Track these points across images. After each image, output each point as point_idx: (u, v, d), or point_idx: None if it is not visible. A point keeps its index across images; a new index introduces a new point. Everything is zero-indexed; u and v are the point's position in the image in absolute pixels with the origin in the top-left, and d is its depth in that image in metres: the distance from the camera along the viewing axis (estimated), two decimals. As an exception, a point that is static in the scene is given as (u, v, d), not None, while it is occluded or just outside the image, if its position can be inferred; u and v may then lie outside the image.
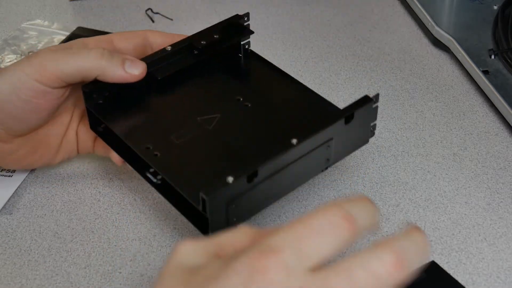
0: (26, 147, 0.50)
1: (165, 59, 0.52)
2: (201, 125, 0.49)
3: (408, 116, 0.62)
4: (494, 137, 0.60)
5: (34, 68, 0.46)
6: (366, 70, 0.69)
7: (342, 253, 0.39)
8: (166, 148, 0.47)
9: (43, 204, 0.53)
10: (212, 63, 0.54)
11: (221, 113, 0.50)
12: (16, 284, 0.47)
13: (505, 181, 0.55)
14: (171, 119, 0.50)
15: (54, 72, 0.47)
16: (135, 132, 0.49)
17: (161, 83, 0.51)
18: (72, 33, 0.72)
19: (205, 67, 0.54)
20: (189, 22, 0.76)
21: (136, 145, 0.47)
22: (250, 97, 0.51)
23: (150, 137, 0.48)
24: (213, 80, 0.53)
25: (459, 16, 0.72)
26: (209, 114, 0.50)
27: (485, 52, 0.66)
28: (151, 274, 0.48)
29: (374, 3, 0.80)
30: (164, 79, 0.51)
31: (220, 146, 0.48)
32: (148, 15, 0.77)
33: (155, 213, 0.52)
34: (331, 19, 0.77)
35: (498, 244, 0.50)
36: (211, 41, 0.53)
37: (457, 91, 0.66)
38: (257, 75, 0.55)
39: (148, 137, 0.48)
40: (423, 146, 0.59)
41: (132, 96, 0.51)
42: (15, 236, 0.51)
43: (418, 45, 0.72)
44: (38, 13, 0.78)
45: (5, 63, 0.69)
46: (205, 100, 0.52)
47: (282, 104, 0.51)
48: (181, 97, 0.52)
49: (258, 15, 0.77)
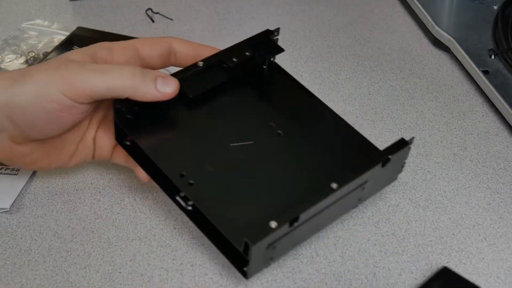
0: (40, 151, 0.49)
1: (196, 75, 0.50)
2: (234, 152, 0.48)
3: (408, 116, 0.62)
4: (494, 137, 0.60)
5: (63, 82, 0.45)
6: (366, 70, 0.69)
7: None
8: (201, 176, 0.46)
9: (43, 204, 0.53)
10: (240, 79, 0.53)
11: (253, 140, 0.49)
12: (16, 284, 0.47)
13: (505, 181, 0.55)
14: (203, 142, 0.48)
15: (84, 89, 0.45)
16: (166, 154, 0.47)
17: (192, 100, 0.50)
18: (72, 33, 0.72)
19: (234, 83, 0.52)
20: (189, 22, 0.76)
21: (169, 170, 0.46)
22: (282, 123, 0.50)
23: (183, 162, 0.47)
24: (244, 100, 0.52)
25: (459, 16, 0.72)
26: (242, 140, 0.49)
27: (485, 52, 0.66)
28: (151, 274, 0.48)
29: (374, 3, 0.80)
30: (195, 97, 0.50)
31: (256, 179, 0.47)
32: (148, 15, 0.77)
33: (155, 213, 0.52)
34: (331, 19, 0.77)
35: (498, 244, 0.50)
36: (242, 59, 0.52)
37: (457, 91, 0.66)
38: (284, 95, 0.53)
39: (181, 162, 0.47)
40: (423, 146, 0.59)
41: (162, 113, 0.49)
42: (15, 236, 0.51)
43: (418, 45, 0.72)
44: (38, 13, 0.78)
45: (5, 63, 0.69)
46: (237, 122, 0.50)
47: (314, 133, 0.50)
48: (212, 117, 0.50)
49: (258, 15, 0.77)
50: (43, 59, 0.68)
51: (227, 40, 0.73)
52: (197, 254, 0.49)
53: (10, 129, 0.46)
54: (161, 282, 0.47)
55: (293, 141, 0.49)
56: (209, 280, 0.48)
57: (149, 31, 0.74)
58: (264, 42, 0.54)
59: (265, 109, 0.52)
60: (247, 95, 0.52)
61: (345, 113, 0.62)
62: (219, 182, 0.46)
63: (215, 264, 0.49)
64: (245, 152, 0.48)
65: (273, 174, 0.47)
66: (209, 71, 0.51)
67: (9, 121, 0.46)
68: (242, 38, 0.73)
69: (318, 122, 0.51)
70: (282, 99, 0.53)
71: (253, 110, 0.51)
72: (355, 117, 0.62)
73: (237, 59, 0.51)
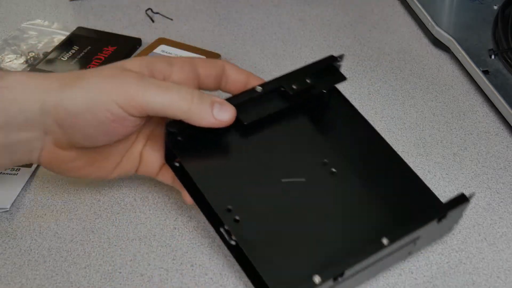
0: (83, 159, 0.48)
1: (253, 101, 0.48)
2: (284, 190, 0.46)
3: (408, 116, 0.62)
4: (494, 137, 0.60)
5: (120, 92, 0.43)
6: (366, 70, 0.69)
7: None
8: (248, 214, 0.44)
9: (43, 204, 0.53)
10: (298, 106, 0.50)
11: (306, 177, 0.47)
12: (16, 284, 0.47)
13: (505, 181, 0.55)
14: (254, 174, 0.46)
15: (141, 103, 0.44)
16: (214, 184, 0.45)
17: (246, 127, 0.48)
18: (72, 33, 0.72)
19: (291, 111, 0.50)
20: (189, 22, 0.76)
21: (216, 202, 0.44)
22: (337, 160, 0.48)
23: (231, 194, 0.45)
24: (299, 131, 0.49)
25: (459, 16, 0.72)
26: (294, 176, 0.46)
27: (485, 52, 0.66)
28: (151, 274, 0.48)
29: (374, 3, 0.80)
30: (250, 124, 0.48)
31: (303, 222, 0.45)
32: (148, 15, 0.77)
33: (155, 213, 0.52)
34: (331, 19, 0.77)
35: (498, 244, 0.50)
36: (303, 87, 0.49)
37: (457, 91, 0.66)
38: (346, 130, 0.50)
39: (229, 194, 0.45)
40: (423, 146, 0.59)
41: (214, 138, 0.47)
42: (15, 236, 0.51)
43: (418, 45, 0.72)
44: (38, 13, 0.78)
45: (5, 63, 0.69)
46: (291, 156, 0.48)
47: (371, 175, 0.48)
48: (265, 147, 0.48)
49: (258, 15, 0.77)
50: (43, 59, 0.68)
51: (227, 40, 0.73)
52: (197, 254, 0.49)
53: (57, 133, 0.45)
54: (161, 282, 0.47)
55: (347, 183, 0.47)
56: (209, 280, 0.48)
57: (149, 31, 0.74)
58: (327, 69, 0.51)
59: (321, 143, 0.49)
60: (304, 125, 0.50)
61: (345, 113, 0.62)
62: (266, 223, 0.44)
63: (215, 264, 0.49)
64: (295, 190, 0.46)
65: (321, 219, 0.45)
66: (266, 97, 0.48)
67: (57, 125, 0.45)
68: (242, 38, 0.73)
69: (376, 162, 0.48)
70: (340, 132, 0.50)
71: (308, 143, 0.49)
72: (355, 117, 0.62)
73: (297, 86, 0.49)
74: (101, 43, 0.70)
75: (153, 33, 0.73)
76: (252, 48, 0.72)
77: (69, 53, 0.69)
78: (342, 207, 0.46)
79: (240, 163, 0.47)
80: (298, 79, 0.49)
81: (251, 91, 0.48)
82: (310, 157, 0.48)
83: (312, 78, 0.49)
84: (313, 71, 0.50)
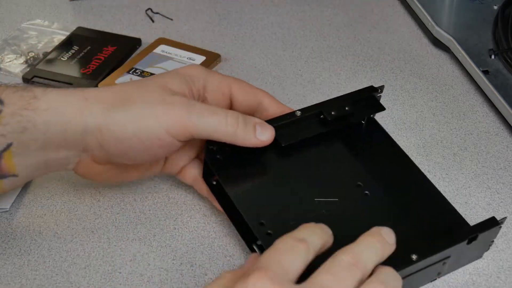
0: (117, 170, 0.49)
1: (292, 125, 0.50)
2: (317, 208, 0.47)
3: (408, 116, 0.62)
4: (494, 137, 0.60)
5: (170, 119, 0.44)
6: (366, 70, 0.69)
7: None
8: (280, 228, 0.44)
9: (43, 204, 0.53)
10: (335, 131, 0.52)
11: (339, 197, 0.48)
12: (16, 284, 0.47)
13: (505, 181, 0.55)
14: (288, 193, 0.48)
15: (190, 131, 0.45)
16: (249, 200, 0.47)
17: (283, 149, 0.49)
18: (72, 33, 0.72)
19: (328, 136, 0.51)
20: (189, 22, 0.76)
21: (250, 217, 0.45)
22: (371, 184, 0.49)
23: (265, 210, 0.46)
24: (335, 154, 0.51)
25: (459, 16, 0.72)
26: (328, 196, 0.48)
27: (485, 52, 0.66)
28: (151, 274, 0.48)
29: (374, 3, 0.80)
30: (287, 146, 0.49)
31: (335, 239, 0.45)
32: (148, 15, 0.77)
33: (155, 213, 0.52)
34: (331, 19, 0.77)
35: (498, 244, 0.50)
36: (341, 114, 0.51)
37: (457, 91, 0.66)
38: (380, 156, 0.52)
39: (263, 210, 0.46)
40: (423, 146, 0.59)
41: (252, 157, 0.49)
42: (15, 236, 0.51)
43: (418, 45, 0.72)
44: (38, 13, 0.78)
45: (5, 63, 0.69)
46: (325, 178, 0.49)
47: (403, 198, 0.49)
48: (301, 169, 0.50)
49: (258, 15, 0.77)
50: (43, 59, 0.68)
51: (227, 40, 0.73)
52: (197, 254, 0.49)
53: (97, 152, 0.46)
54: (161, 282, 0.47)
55: (378, 204, 0.48)
56: (209, 280, 0.48)
57: (149, 31, 0.74)
58: (366, 98, 0.53)
59: (356, 167, 0.50)
60: (340, 150, 0.51)
61: (345, 113, 0.62)
62: None
63: (215, 264, 0.49)
64: (328, 208, 0.47)
65: (352, 235, 0.45)
66: (305, 121, 0.50)
67: (99, 145, 0.45)
68: (242, 38, 0.73)
69: (408, 187, 0.50)
70: (375, 159, 0.51)
71: (343, 167, 0.50)
72: (355, 117, 0.62)
73: (336, 112, 0.51)
74: (101, 43, 0.70)
75: (153, 33, 0.73)
76: (252, 48, 0.72)
77: (69, 53, 0.69)
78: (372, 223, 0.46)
79: (275, 182, 0.48)
80: (338, 106, 0.51)
81: (290, 114, 0.50)
82: (344, 179, 0.49)
83: (351, 106, 0.51)
84: (353, 100, 0.52)
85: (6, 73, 0.68)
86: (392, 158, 0.52)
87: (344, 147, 0.52)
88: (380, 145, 0.52)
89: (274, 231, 0.45)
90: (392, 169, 0.51)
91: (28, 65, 0.69)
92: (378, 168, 0.51)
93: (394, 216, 0.48)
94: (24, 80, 0.66)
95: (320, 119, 0.51)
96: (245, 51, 0.71)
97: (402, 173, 0.51)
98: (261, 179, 0.49)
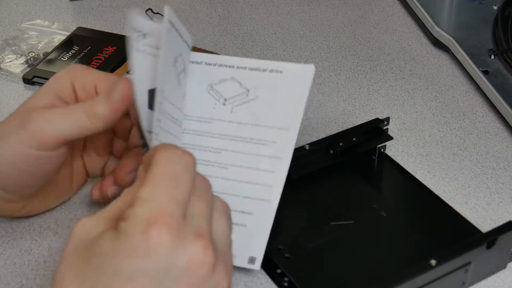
0: (36, 200, 0.49)
1: (301, 158, 0.51)
2: (333, 231, 0.48)
3: (408, 116, 0.62)
4: (494, 137, 0.60)
5: (32, 136, 0.44)
6: (366, 70, 0.69)
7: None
8: (297, 252, 0.46)
9: (43, 204, 0.53)
10: (346, 163, 0.54)
11: (355, 219, 0.49)
12: (16, 284, 0.47)
13: (505, 181, 0.55)
14: (304, 219, 0.49)
15: (53, 137, 0.44)
16: None
17: (295, 181, 0.50)
18: (72, 33, 0.72)
19: (339, 167, 0.53)
20: (189, 22, 0.76)
21: (269, 245, 0.45)
22: (385, 206, 0.51)
23: (282, 235, 0.47)
24: (348, 183, 0.53)
25: (459, 16, 0.72)
26: (343, 220, 0.49)
27: (485, 52, 0.66)
28: (151, 274, 0.48)
29: (374, 3, 0.80)
30: (299, 177, 0.51)
31: (352, 257, 0.47)
32: (148, 15, 0.77)
33: (155, 213, 0.52)
34: (331, 19, 0.77)
35: None
36: (349, 144, 0.53)
37: (457, 91, 0.66)
38: (393, 183, 0.54)
39: (279, 238, 0.47)
40: (423, 146, 0.59)
41: None
42: (15, 236, 0.51)
43: (418, 45, 0.72)
44: (38, 13, 0.78)
45: (5, 63, 0.69)
46: (339, 203, 0.51)
47: (419, 217, 0.51)
48: (315, 198, 0.51)
49: (258, 15, 0.77)
50: (43, 59, 0.68)
51: (227, 40, 0.73)
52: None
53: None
54: (161, 282, 0.47)
55: (394, 223, 0.50)
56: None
57: (149, 31, 0.74)
58: (373, 130, 0.54)
59: (369, 193, 0.53)
60: (352, 179, 0.53)
61: (345, 113, 0.62)
62: (315, 259, 0.46)
63: (215, 264, 0.49)
64: (344, 231, 0.48)
65: (370, 253, 0.47)
66: (314, 154, 0.52)
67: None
68: (242, 38, 0.73)
69: (422, 206, 0.51)
70: (389, 186, 0.54)
71: (357, 193, 0.52)
72: (355, 117, 0.62)
73: (343, 143, 0.52)
74: (101, 43, 0.70)
75: (153, 33, 0.73)
76: (252, 48, 0.72)
77: (69, 53, 0.69)
78: (388, 239, 0.48)
79: (291, 210, 0.50)
80: (345, 138, 0.53)
81: (299, 148, 0.51)
82: (358, 203, 0.51)
83: (358, 137, 0.53)
84: (359, 131, 0.54)
85: (6, 73, 0.68)
86: (399, 179, 0.54)
87: (354, 175, 0.54)
88: (394, 179, 0.54)
89: (292, 255, 0.46)
90: (402, 191, 0.53)
91: (28, 65, 0.69)
92: (388, 191, 0.53)
93: (412, 233, 0.49)
94: (25, 80, 0.66)
95: (328, 152, 0.53)
96: (245, 51, 0.71)
97: (412, 194, 0.53)
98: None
